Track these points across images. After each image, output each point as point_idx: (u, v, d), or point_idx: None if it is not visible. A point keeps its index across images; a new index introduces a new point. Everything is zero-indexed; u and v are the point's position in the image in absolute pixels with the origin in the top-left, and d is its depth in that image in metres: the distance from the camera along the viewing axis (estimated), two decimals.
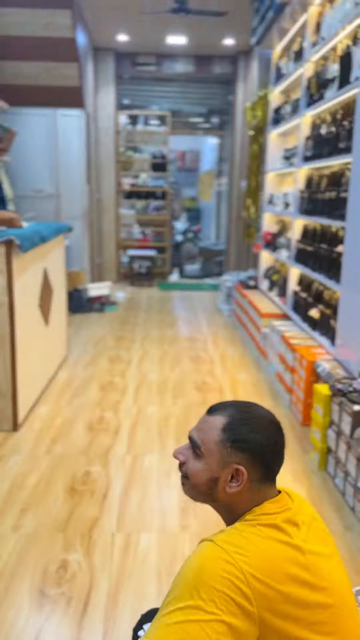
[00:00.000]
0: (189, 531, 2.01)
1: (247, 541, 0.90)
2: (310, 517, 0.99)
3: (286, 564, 0.89)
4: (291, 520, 0.94)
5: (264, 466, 0.99)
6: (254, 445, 0.98)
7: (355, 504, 2.13)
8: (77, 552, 1.87)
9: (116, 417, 2.99)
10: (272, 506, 0.96)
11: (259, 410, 1.03)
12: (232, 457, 0.98)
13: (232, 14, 5.46)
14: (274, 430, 1.01)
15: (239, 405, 1.03)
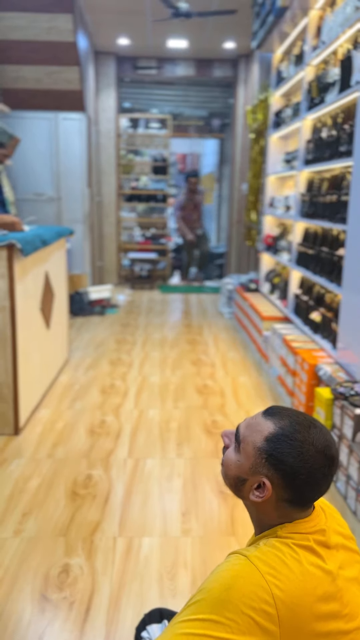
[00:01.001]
0: (190, 535, 2.01)
1: (282, 563, 0.87)
2: (342, 538, 0.95)
3: (317, 590, 0.86)
4: (324, 542, 0.91)
5: (296, 492, 0.92)
6: (290, 469, 0.91)
7: (357, 508, 2.13)
8: (79, 556, 1.87)
9: (117, 421, 2.99)
10: (306, 525, 0.92)
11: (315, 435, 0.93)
12: (263, 469, 0.94)
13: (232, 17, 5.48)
14: (322, 462, 0.91)
15: (298, 419, 0.95)
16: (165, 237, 7.87)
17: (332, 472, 0.93)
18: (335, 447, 0.95)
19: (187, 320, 5.58)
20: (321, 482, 0.92)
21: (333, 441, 0.95)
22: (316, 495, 0.93)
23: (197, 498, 2.25)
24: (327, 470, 0.92)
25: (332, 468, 0.92)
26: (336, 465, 0.94)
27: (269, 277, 4.88)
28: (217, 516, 2.13)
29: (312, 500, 0.93)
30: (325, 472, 0.91)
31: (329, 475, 0.92)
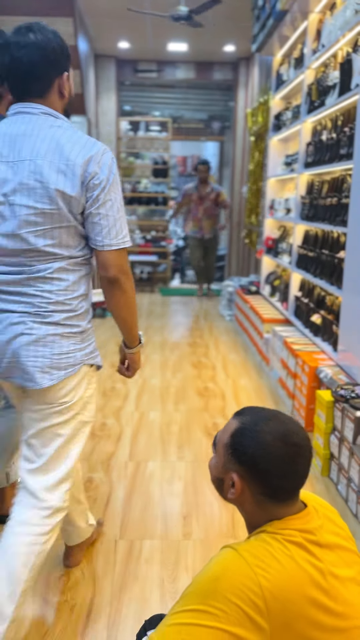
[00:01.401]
0: (191, 538, 2.01)
1: (270, 556, 0.88)
2: (338, 538, 0.95)
3: (306, 585, 0.87)
4: (315, 541, 0.92)
5: (265, 483, 0.95)
6: (251, 459, 0.95)
7: (358, 511, 2.13)
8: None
9: (118, 424, 2.99)
10: (295, 522, 0.94)
11: (274, 425, 0.96)
12: (231, 465, 0.98)
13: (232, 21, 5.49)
14: (282, 449, 0.94)
15: (259, 414, 1.00)
16: (165, 240, 7.88)
17: (299, 460, 0.94)
18: (300, 435, 0.96)
19: (187, 322, 5.58)
20: (289, 470, 0.94)
21: (295, 430, 0.96)
22: (288, 484, 0.95)
23: (198, 501, 2.24)
24: (292, 458, 0.93)
25: (298, 457, 0.94)
26: (303, 454, 0.95)
27: (269, 280, 4.88)
28: (218, 519, 2.13)
29: (286, 491, 0.95)
30: (289, 460, 0.93)
31: (297, 463, 0.94)
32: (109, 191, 1.37)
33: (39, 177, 1.33)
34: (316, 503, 1.01)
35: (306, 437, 0.97)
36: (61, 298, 1.40)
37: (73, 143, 1.35)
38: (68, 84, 1.47)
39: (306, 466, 0.96)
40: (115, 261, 1.41)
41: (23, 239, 1.35)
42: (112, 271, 1.42)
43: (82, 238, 1.43)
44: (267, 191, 4.93)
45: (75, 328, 1.44)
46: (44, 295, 1.38)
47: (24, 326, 1.37)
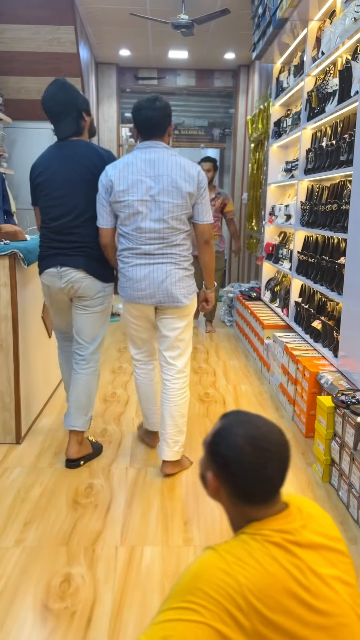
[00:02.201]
0: (192, 544, 2.00)
1: (248, 555, 0.90)
2: (323, 538, 0.96)
3: (286, 583, 0.88)
4: (294, 541, 0.92)
5: (237, 485, 0.96)
6: (221, 459, 0.97)
7: (359, 517, 2.12)
8: (81, 565, 1.86)
9: (119, 429, 2.99)
10: (274, 523, 0.95)
11: (248, 428, 0.97)
12: (209, 463, 1.02)
13: (233, 28, 5.54)
14: (251, 453, 0.95)
15: (238, 417, 1.02)
16: None
17: (269, 466, 0.94)
18: (272, 441, 0.96)
19: None
20: (258, 475, 0.94)
21: (267, 435, 0.96)
22: (258, 489, 0.95)
23: (198, 507, 2.24)
24: (262, 463, 0.94)
25: (268, 462, 0.94)
26: (274, 459, 0.95)
27: (269, 286, 4.89)
28: (219, 525, 2.12)
29: (257, 495, 0.96)
30: (258, 465, 0.94)
31: (266, 468, 0.94)
32: (204, 190, 2.37)
33: (175, 184, 2.27)
34: (301, 503, 1.02)
35: (280, 443, 0.97)
36: (185, 254, 2.39)
37: (188, 165, 2.33)
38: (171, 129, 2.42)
39: (278, 472, 0.96)
40: (208, 229, 2.42)
41: (165, 221, 2.29)
42: (206, 235, 2.42)
43: (188, 220, 2.37)
44: (267, 197, 4.95)
45: (191, 271, 2.44)
46: (179, 253, 2.35)
47: (171, 271, 2.33)
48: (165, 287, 2.33)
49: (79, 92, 2.52)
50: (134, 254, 2.34)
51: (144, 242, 2.31)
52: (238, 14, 5.12)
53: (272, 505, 0.97)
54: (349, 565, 0.98)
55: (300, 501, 1.03)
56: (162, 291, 2.33)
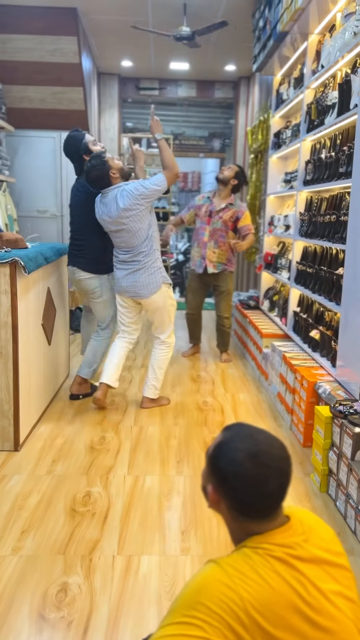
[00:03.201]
0: (190, 554, 2.00)
1: (251, 569, 0.89)
2: (325, 553, 0.95)
3: (289, 598, 0.87)
4: (296, 555, 0.92)
5: (236, 501, 0.96)
6: (221, 472, 0.97)
7: (357, 528, 2.12)
8: (78, 574, 1.86)
9: (117, 437, 2.99)
10: (275, 537, 0.94)
11: (249, 443, 0.97)
12: (210, 475, 1.01)
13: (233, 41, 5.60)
14: (251, 468, 0.94)
15: (240, 431, 1.01)
16: (166, 254, 7.93)
17: (270, 481, 0.94)
18: (272, 457, 0.95)
19: (186, 336, 5.59)
20: (257, 491, 0.94)
21: (268, 451, 0.96)
22: (257, 504, 0.95)
23: (196, 516, 2.24)
24: (261, 479, 0.93)
25: (268, 478, 0.94)
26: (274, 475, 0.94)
27: (268, 295, 4.91)
28: (217, 535, 2.12)
29: (257, 510, 0.95)
30: (258, 481, 0.93)
31: (267, 484, 0.93)
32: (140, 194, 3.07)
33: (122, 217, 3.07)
34: (302, 517, 1.02)
35: (280, 458, 0.97)
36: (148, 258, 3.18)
37: None
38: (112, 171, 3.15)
39: (279, 487, 0.95)
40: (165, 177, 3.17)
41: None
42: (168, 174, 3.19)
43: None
44: (267, 208, 4.98)
45: (155, 268, 3.19)
46: (142, 259, 3.16)
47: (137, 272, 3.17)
48: (134, 286, 3.18)
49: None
50: (117, 260, 3.26)
51: (121, 252, 3.22)
52: (239, 27, 5.18)
53: (273, 519, 0.97)
54: (351, 580, 0.97)
55: (302, 514, 1.02)
56: (132, 288, 3.20)
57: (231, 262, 4.46)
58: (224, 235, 4.36)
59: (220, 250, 4.37)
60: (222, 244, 4.36)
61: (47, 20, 4.98)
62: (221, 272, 4.43)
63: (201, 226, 4.43)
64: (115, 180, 3.06)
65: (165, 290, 3.24)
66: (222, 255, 4.39)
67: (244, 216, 4.35)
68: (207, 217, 4.39)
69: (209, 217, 4.38)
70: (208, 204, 4.41)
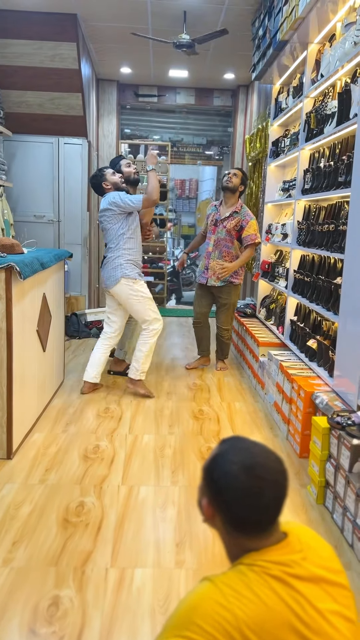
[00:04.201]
0: (184, 567, 1.96)
1: (247, 587, 0.87)
2: (323, 571, 0.93)
3: (286, 618, 0.85)
4: (294, 574, 0.90)
5: (231, 515, 0.93)
6: (215, 485, 0.94)
7: (354, 541, 2.09)
8: (70, 587, 1.82)
9: (111, 446, 2.95)
10: (272, 554, 0.92)
11: (244, 455, 0.95)
12: (205, 489, 0.99)
13: (233, 49, 5.61)
14: (245, 481, 0.92)
15: (236, 444, 0.99)
16: (162, 261, 7.92)
17: (266, 494, 0.91)
18: (268, 469, 0.93)
19: (183, 343, 5.56)
20: (252, 504, 0.91)
21: (264, 463, 0.94)
22: (252, 519, 0.92)
23: (191, 528, 2.20)
24: (256, 492, 0.91)
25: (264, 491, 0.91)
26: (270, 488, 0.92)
27: (265, 303, 4.89)
28: (212, 547, 2.08)
29: (251, 525, 0.93)
30: (253, 494, 0.91)
31: (262, 497, 0.91)
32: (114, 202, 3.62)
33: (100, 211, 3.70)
34: (300, 533, 0.99)
35: (276, 471, 0.95)
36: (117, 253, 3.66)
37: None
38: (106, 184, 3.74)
39: (274, 501, 0.93)
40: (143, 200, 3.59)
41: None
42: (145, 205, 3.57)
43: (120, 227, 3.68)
44: (264, 216, 4.97)
45: (117, 263, 3.64)
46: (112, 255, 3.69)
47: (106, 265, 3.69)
48: (103, 276, 3.72)
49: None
50: None
51: None
52: (238, 35, 5.19)
53: (270, 535, 0.94)
54: (350, 599, 0.94)
55: (300, 530, 1.00)
56: (103, 278, 3.73)
57: (237, 273, 4.30)
58: (229, 246, 4.23)
59: (224, 261, 4.25)
60: (227, 254, 4.23)
61: (47, 25, 4.98)
62: (225, 286, 4.30)
63: (209, 236, 4.34)
64: (107, 190, 3.67)
65: (126, 284, 3.61)
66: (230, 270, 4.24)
67: (249, 225, 4.20)
68: (212, 226, 4.31)
69: (214, 226, 4.30)
70: (215, 213, 4.33)
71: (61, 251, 3.74)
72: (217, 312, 4.48)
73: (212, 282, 4.31)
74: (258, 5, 4.56)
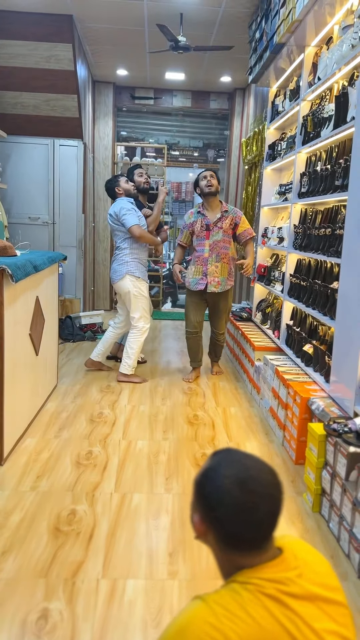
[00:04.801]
0: (177, 577, 1.92)
1: (240, 607, 0.83)
2: (320, 588, 0.89)
3: (280, 639, 0.82)
4: (289, 592, 0.86)
5: (224, 531, 0.89)
6: (207, 500, 0.91)
7: (350, 551, 2.05)
8: (59, 600, 1.77)
9: (104, 452, 2.90)
10: (266, 571, 0.88)
11: (236, 469, 0.91)
12: (196, 504, 0.95)
13: (229, 53, 5.59)
14: (238, 496, 0.88)
15: (228, 457, 0.95)
16: (158, 264, 7.87)
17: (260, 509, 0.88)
18: (262, 483, 0.89)
19: (178, 347, 5.52)
20: (246, 520, 0.88)
21: (258, 477, 0.90)
22: (246, 535, 0.88)
23: (185, 537, 2.16)
24: (250, 507, 0.87)
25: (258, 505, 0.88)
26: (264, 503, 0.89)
27: (261, 307, 4.86)
28: (206, 557, 2.04)
29: (246, 541, 0.89)
30: (247, 509, 0.87)
31: (257, 512, 0.87)
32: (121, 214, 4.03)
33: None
34: (296, 548, 0.95)
35: (271, 485, 0.91)
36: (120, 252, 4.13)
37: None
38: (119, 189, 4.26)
39: (269, 516, 0.89)
40: (132, 232, 3.96)
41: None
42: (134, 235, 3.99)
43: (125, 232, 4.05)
44: (260, 219, 4.95)
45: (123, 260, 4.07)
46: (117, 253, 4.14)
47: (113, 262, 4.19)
48: (111, 271, 4.19)
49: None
50: None
51: None
52: (235, 38, 5.17)
53: (264, 551, 0.91)
54: (347, 617, 0.91)
55: (296, 545, 0.96)
56: (110, 273, 4.20)
57: (231, 275, 4.23)
58: (227, 247, 4.13)
59: (222, 264, 4.12)
60: (224, 256, 4.12)
61: (43, 26, 4.95)
62: (225, 291, 4.19)
63: (199, 243, 4.16)
64: (119, 195, 4.13)
65: (129, 280, 4.02)
66: (224, 269, 4.13)
67: (242, 220, 4.16)
68: (204, 232, 4.13)
69: (207, 231, 4.13)
70: (202, 219, 4.14)
71: (55, 254, 3.70)
72: (214, 318, 4.36)
73: (212, 288, 4.14)
74: (255, 7, 4.54)
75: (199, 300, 4.27)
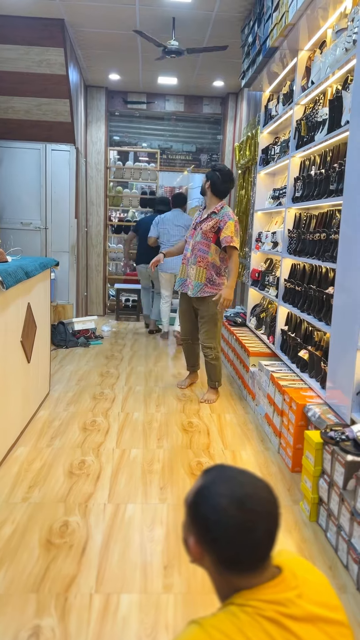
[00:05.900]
0: (172, 591, 1.87)
1: (239, 631, 0.79)
2: (321, 609, 0.85)
3: None
4: (288, 614, 0.83)
5: (222, 553, 0.85)
6: (203, 520, 0.86)
7: (349, 562, 2.01)
8: (51, 616, 1.72)
9: (98, 461, 2.85)
10: (265, 592, 0.84)
11: (232, 487, 0.87)
12: (190, 526, 0.90)
13: (222, 57, 5.58)
14: (236, 515, 0.84)
15: (222, 474, 0.91)
16: None
17: (258, 527, 0.84)
18: (260, 500, 0.86)
19: (172, 352, 5.48)
20: (245, 540, 0.84)
21: (254, 494, 0.86)
22: (245, 556, 0.85)
23: (180, 549, 2.11)
24: (249, 527, 0.84)
25: (257, 524, 0.84)
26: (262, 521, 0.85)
27: (255, 312, 4.83)
28: (202, 571, 1.99)
29: (246, 562, 0.85)
30: (245, 529, 0.84)
31: (255, 531, 0.84)
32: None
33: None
34: (295, 566, 0.92)
35: (268, 502, 0.87)
36: None
37: None
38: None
39: (267, 535, 0.86)
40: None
41: None
42: None
43: None
44: (254, 224, 4.92)
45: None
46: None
47: None
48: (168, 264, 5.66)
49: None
50: None
51: None
52: (228, 42, 5.16)
53: (263, 571, 0.87)
54: (349, 637, 0.88)
55: (294, 564, 0.92)
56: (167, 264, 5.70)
57: (214, 283, 3.77)
58: (205, 250, 3.73)
59: (198, 267, 3.75)
60: (201, 260, 3.74)
61: (34, 30, 4.91)
62: (202, 299, 3.81)
63: (188, 241, 3.92)
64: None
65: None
66: (200, 274, 3.75)
67: (226, 226, 3.67)
68: (192, 230, 3.89)
69: (194, 229, 3.87)
70: (198, 216, 3.92)
71: (47, 259, 3.65)
72: (199, 327, 3.96)
73: (188, 290, 3.87)
74: (248, 12, 4.53)
75: (187, 306, 3.99)
